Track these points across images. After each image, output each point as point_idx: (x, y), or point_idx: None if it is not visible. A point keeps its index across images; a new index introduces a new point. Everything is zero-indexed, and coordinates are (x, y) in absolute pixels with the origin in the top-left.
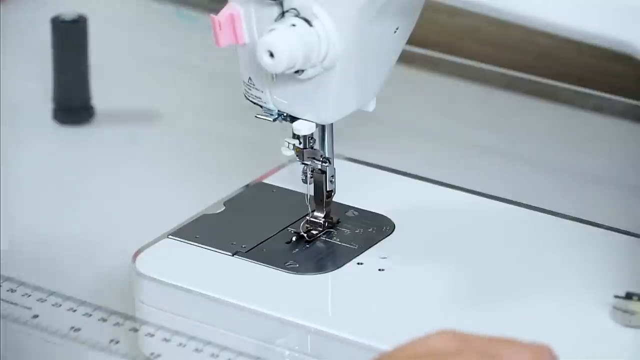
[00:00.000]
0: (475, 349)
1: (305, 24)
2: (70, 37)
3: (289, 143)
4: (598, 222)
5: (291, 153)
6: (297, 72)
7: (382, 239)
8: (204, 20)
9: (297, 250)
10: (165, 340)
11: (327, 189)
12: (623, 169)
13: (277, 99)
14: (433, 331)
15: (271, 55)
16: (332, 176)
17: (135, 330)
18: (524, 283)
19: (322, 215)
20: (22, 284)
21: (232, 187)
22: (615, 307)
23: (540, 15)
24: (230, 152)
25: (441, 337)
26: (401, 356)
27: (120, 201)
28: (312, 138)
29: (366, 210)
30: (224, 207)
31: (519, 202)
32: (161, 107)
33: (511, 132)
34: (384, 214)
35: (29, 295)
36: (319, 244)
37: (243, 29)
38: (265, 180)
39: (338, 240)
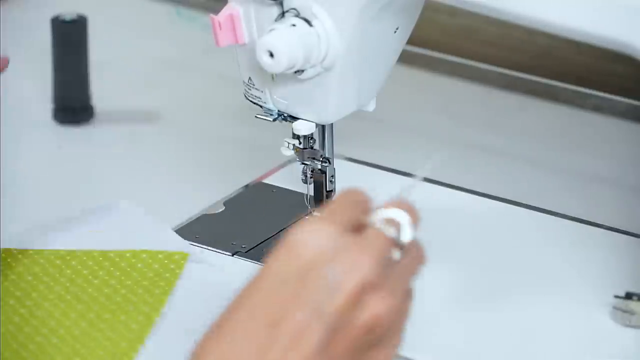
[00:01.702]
0: (346, 242)
1: (305, 24)
2: (70, 37)
3: (289, 143)
4: (598, 222)
5: (291, 153)
6: (297, 72)
7: None
8: (204, 20)
9: None
10: None
11: (327, 189)
12: (623, 169)
13: (277, 99)
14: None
15: (271, 55)
16: (332, 176)
17: None
18: (523, 283)
19: None
20: None
21: (232, 187)
22: (615, 307)
23: (540, 15)
24: (230, 152)
25: (315, 237)
26: (278, 271)
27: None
28: (312, 138)
29: None
30: (224, 207)
31: (519, 202)
32: (161, 107)
33: (511, 132)
34: None
35: None
36: None
37: (243, 29)
38: (265, 180)
39: None
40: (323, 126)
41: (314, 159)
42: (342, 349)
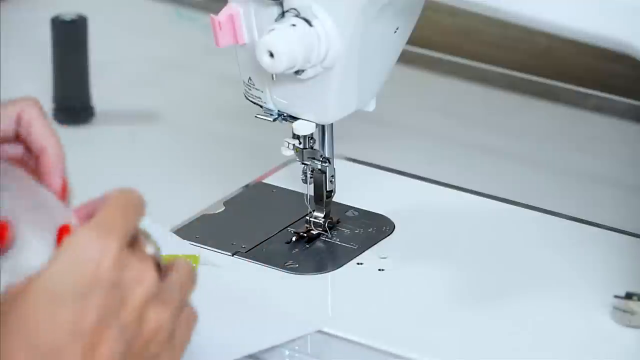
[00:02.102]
0: (128, 256)
1: (306, 24)
2: (70, 37)
3: (289, 143)
4: (598, 222)
5: (291, 153)
6: (297, 72)
7: (382, 239)
8: (204, 20)
9: (297, 250)
10: None
11: (327, 189)
12: (623, 169)
13: (277, 99)
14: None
15: (271, 55)
16: (332, 176)
17: None
18: (523, 283)
19: (322, 215)
20: None
21: (232, 187)
22: (615, 307)
23: (540, 15)
24: (230, 152)
25: (98, 252)
26: (62, 283)
27: None
28: (312, 138)
29: (366, 210)
30: (224, 207)
31: (519, 202)
32: (161, 107)
33: (511, 132)
34: (384, 214)
35: None
36: (319, 244)
37: (243, 29)
38: (265, 180)
39: (338, 240)
40: (323, 126)
41: (314, 159)
42: (137, 356)
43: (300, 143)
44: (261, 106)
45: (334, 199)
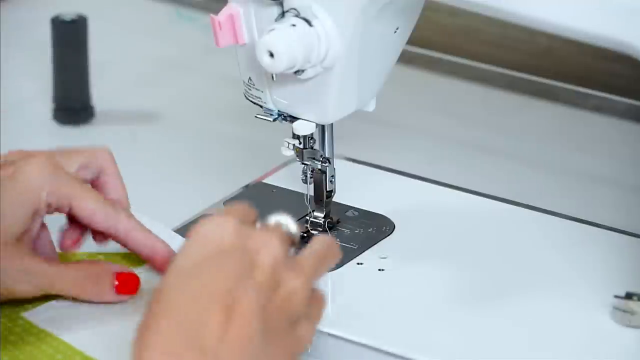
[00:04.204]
0: (250, 229)
1: (305, 24)
2: (70, 37)
3: (289, 143)
4: (598, 222)
5: (291, 153)
6: (297, 72)
7: (382, 239)
8: (204, 20)
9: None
10: None
11: (327, 189)
12: (623, 169)
13: (277, 99)
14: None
15: (271, 55)
16: (332, 176)
17: None
18: (523, 283)
19: (322, 215)
20: None
21: (232, 187)
22: (615, 307)
23: (540, 15)
24: (230, 152)
25: (221, 227)
26: (192, 259)
27: None
28: (312, 138)
29: (366, 210)
30: (224, 207)
31: (519, 202)
32: (161, 107)
33: (511, 132)
34: (384, 214)
35: None
36: None
37: (243, 29)
38: (265, 180)
39: (338, 240)
40: (323, 126)
41: (314, 159)
42: (275, 318)
43: (300, 143)
44: (261, 106)
45: (334, 199)
